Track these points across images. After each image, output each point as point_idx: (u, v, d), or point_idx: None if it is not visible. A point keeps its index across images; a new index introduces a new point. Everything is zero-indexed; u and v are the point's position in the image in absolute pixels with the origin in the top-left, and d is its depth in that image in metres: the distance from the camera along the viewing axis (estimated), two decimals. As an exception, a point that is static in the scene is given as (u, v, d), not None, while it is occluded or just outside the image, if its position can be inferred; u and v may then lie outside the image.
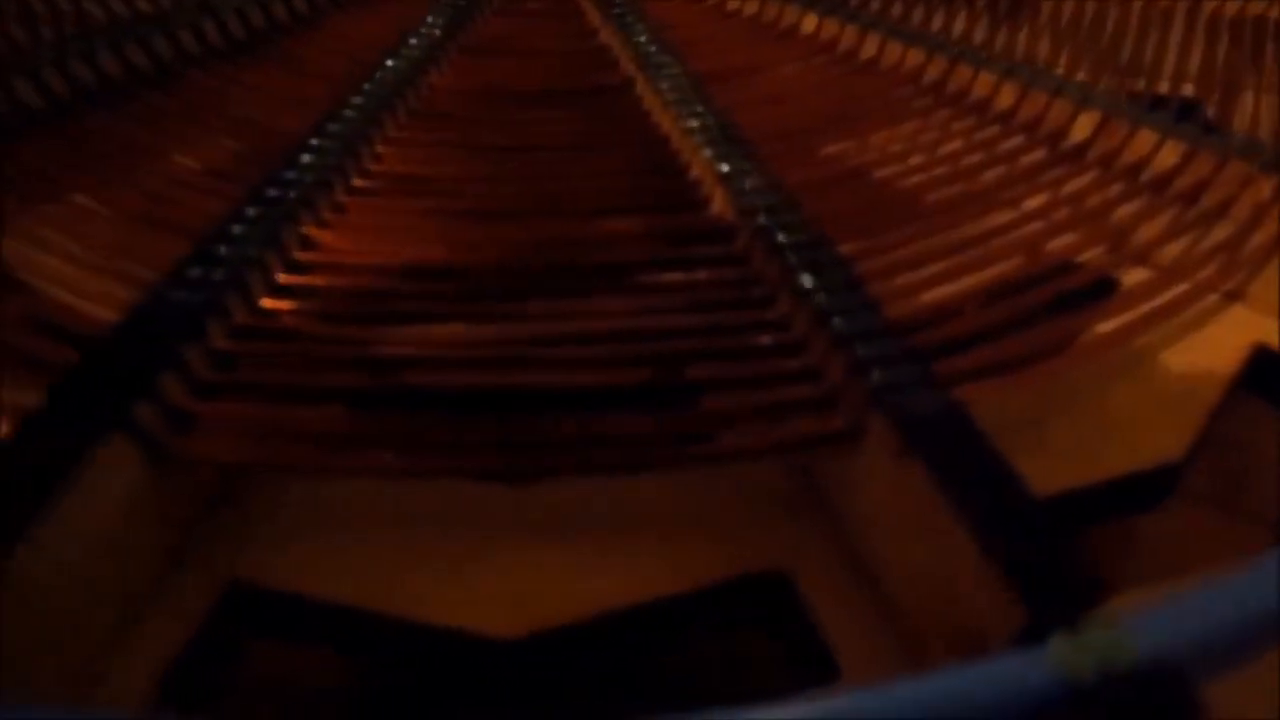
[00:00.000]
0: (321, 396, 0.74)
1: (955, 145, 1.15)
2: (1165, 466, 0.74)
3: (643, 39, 1.46)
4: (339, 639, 0.72)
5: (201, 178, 1.06)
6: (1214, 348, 0.83)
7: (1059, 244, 0.94)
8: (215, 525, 0.72)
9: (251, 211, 0.93)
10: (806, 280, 0.81)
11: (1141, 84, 1.24)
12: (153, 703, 0.61)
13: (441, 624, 0.66)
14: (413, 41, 1.44)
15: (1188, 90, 1.22)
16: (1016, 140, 1.16)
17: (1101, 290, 0.90)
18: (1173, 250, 0.94)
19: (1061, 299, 0.86)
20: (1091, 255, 0.93)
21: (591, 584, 0.68)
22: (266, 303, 0.84)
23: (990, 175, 1.08)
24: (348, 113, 1.18)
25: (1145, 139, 1.07)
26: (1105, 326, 0.83)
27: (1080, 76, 1.22)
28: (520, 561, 0.70)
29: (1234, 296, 0.89)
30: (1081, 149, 1.12)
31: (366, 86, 1.26)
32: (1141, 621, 0.45)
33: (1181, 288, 0.88)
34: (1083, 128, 1.13)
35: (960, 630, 0.58)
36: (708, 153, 1.07)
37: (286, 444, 0.72)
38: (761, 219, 0.92)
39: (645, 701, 0.65)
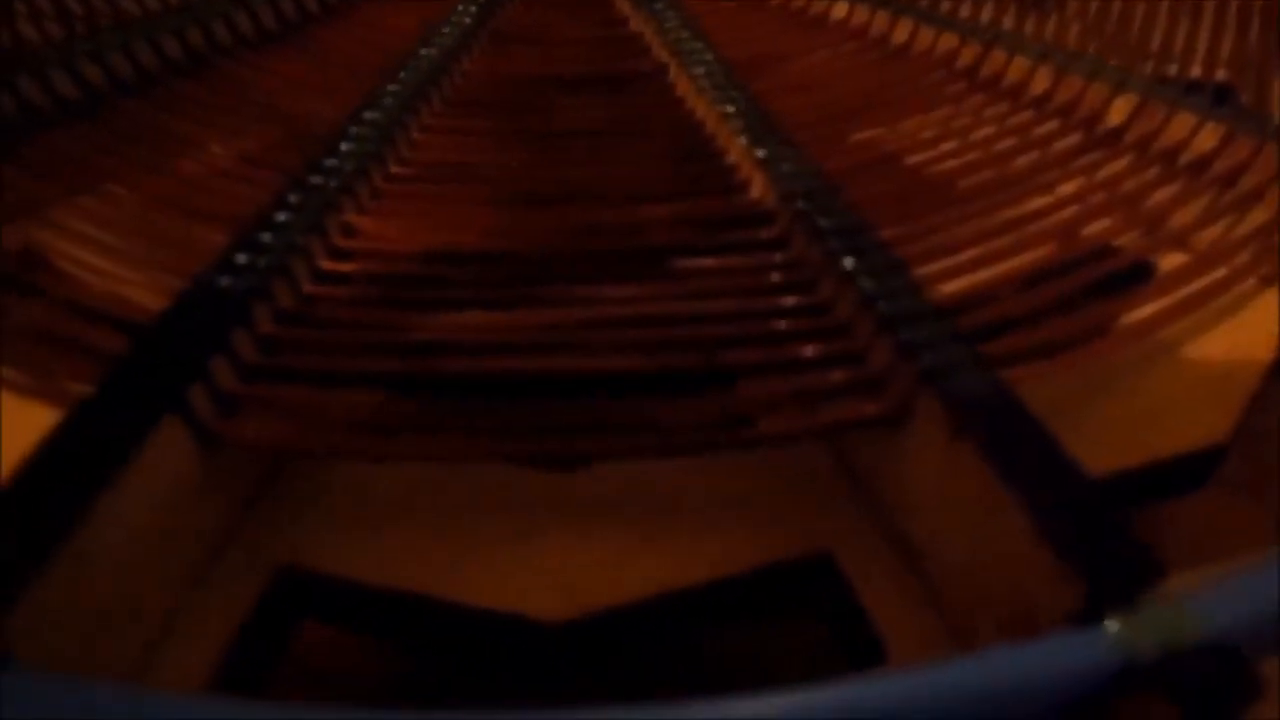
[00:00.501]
0: (367, 381, 0.75)
1: (990, 130, 1.15)
2: (1207, 451, 0.74)
3: (674, 26, 1.46)
4: (386, 623, 0.73)
5: (239, 166, 1.07)
6: (1252, 333, 0.83)
7: (1096, 228, 0.94)
8: (263, 510, 0.73)
9: (294, 199, 0.93)
10: (849, 264, 0.81)
11: (1174, 69, 1.23)
12: (207, 686, 0.62)
13: (487, 607, 0.67)
14: (444, 30, 1.45)
15: (1221, 75, 1.21)
16: (1052, 125, 1.16)
17: (1139, 275, 0.90)
18: (1209, 234, 0.94)
19: (1100, 283, 0.86)
20: (1129, 239, 0.93)
21: (636, 568, 0.69)
22: (311, 289, 0.84)
23: (1026, 160, 1.08)
24: (384, 101, 1.18)
25: (1183, 122, 1.07)
26: (1143, 311, 0.83)
27: (1114, 62, 1.22)
28: (564, 546, 0.70)
29: (1270, 281, 0.88)
30: (1118, 133, 1.11)
31: (401, 74, 1.27)
32: (1202, 600, 0.45)
33: (1219, 272, 0.88)
34: (1119, 111, 1.13)
35: (1012, 611, 0.58)
36: (744, 139, 1.07)
37: (333, 429, 0.72)
38: (801, 203, 0.92)
39: (691, 685, 0.66)
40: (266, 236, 0.86)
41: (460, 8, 1.55)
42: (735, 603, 0.70)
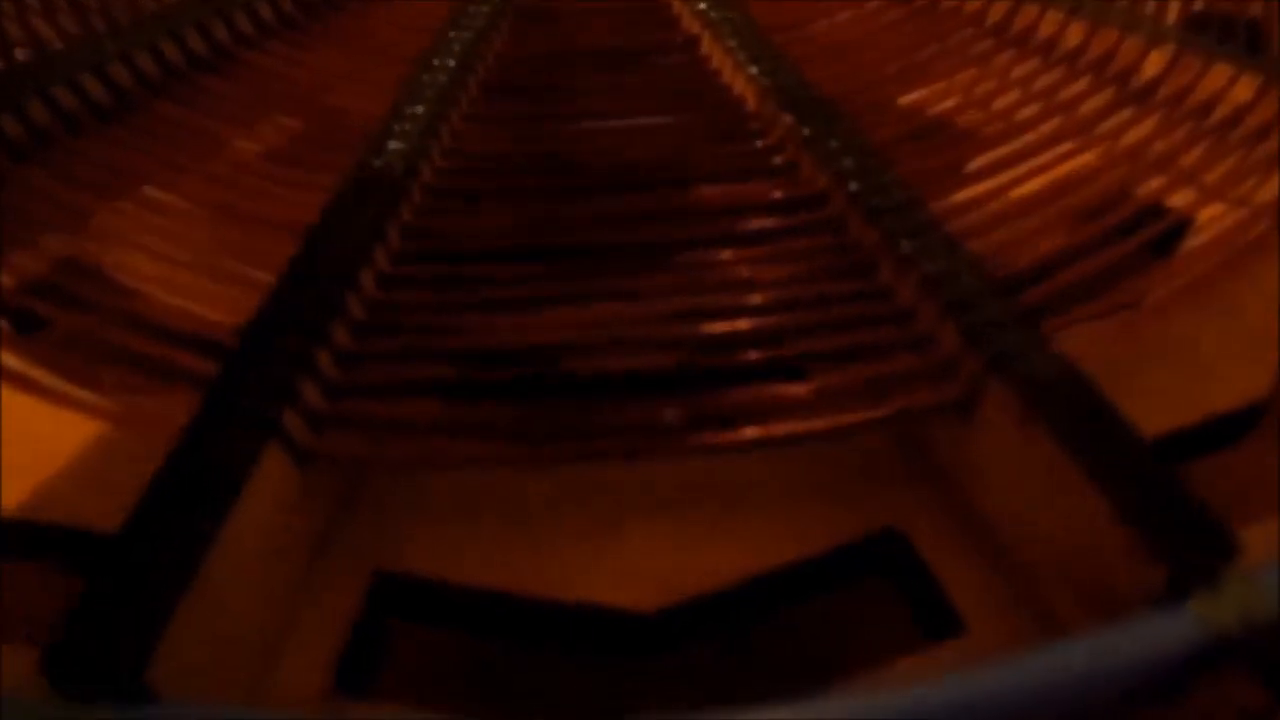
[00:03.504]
0: (442, 389, 0.76)
1: (1022, 91, 1.15)
2: (1254, 404, 0.75)
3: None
4: (480, 621, 0.74)
5: (280, 167, 1.07)
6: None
7: (1143, 189, 0.95)
8: (352, 518, 0.74)
9: (349, 202, 0.94)
10: (907, 246, 0.82)
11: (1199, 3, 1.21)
12: (324, 694, 0.64)
13: (577, 601, 0.68)
14: (470, 10, 1.44)
15: (1255, 10, 1.19)
16: (1085, 81, 1.16)
17: (1184, 233, 0.90)
18: (1248, 189, 0.94)
19: (1147, 244, 0.87)
20: (1173, 199, 0.94)
21: (718, 555, 0.70)
22: (379, 295, 0.85)
23: (1065, 121, 1.08)
24: (424, 92, 1.18)
25: (1219, 74, 1.07)
26: (1186, 270, 0.84)
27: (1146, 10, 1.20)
28: (647, 538, 0.72)
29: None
30: (1152, 87, 1.11)
31: (435, 61, 1.26)
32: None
33: (1261, 226, 0.88)
34: (1154, 64, 1.13)
35: (1090, 584, 0.60)
36: (788, 117, 1.07)
37: (414, 437, 0.74)
38: (853, 185, 0.93)
39: (776, 666, 0.68)
40: (329, 245, 0.87)
41: (483, -14, 1.54)
42: (814, 582, 0.71)
